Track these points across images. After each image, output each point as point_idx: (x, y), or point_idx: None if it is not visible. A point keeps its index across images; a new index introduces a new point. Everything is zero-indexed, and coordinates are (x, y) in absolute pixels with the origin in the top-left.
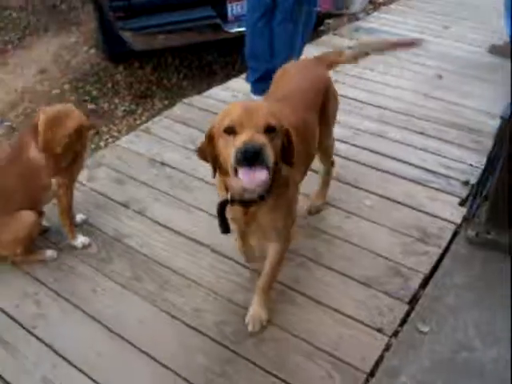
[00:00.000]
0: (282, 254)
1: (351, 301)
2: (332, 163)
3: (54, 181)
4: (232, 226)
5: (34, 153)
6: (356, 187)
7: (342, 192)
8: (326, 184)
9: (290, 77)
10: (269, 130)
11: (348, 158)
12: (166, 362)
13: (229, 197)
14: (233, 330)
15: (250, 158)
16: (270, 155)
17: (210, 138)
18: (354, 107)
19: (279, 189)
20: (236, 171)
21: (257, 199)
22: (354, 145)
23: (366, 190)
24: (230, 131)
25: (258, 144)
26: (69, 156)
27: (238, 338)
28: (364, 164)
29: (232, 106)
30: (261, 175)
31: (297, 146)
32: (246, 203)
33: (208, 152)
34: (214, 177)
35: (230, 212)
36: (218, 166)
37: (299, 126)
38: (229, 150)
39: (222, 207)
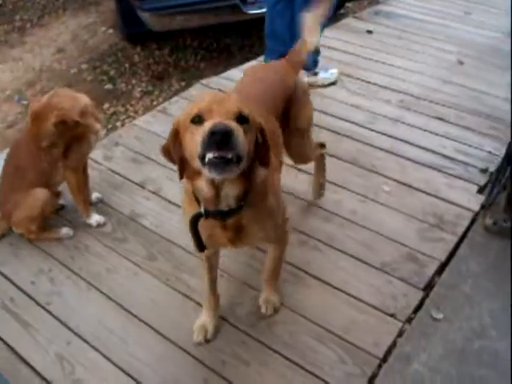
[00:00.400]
0: (282, 250)
1: (365, 285)
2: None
3: (60, 163)
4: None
5: None
6: (373, 172)
7: (359, 176)
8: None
9: (252, 79)
10: (241, 120)
11: (366, 142)
12: (177, 341)
13: (202, 209)
14: (246, 311)
15: (219, 140)
16: (242, 142)
17: (175, 134)
18: (373, 92)
19: (259, 194)
20: (203, 160)
21: (235, 208)
22: (372, 129)
23: (383, 175)
24: (197, 120)
25: (228, 126)
26: (59, 147)
27: (250, 320)
28: (382, 149)
29: (200, 96)
30: (229, 159)
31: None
32: (223, 214)
33: (174, 150)
34: (181, 179)
35: (205, 229)
36: (185, 167)
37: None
38: (196, 139)
39: (194, 222)
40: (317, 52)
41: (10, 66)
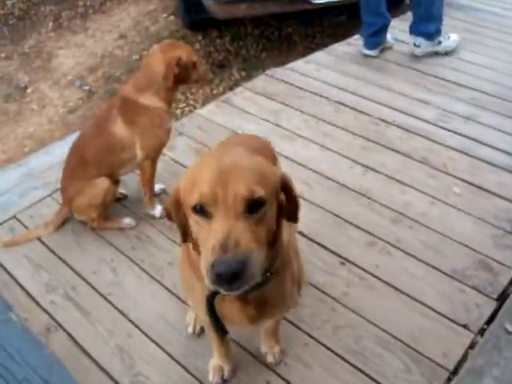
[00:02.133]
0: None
1: (434, 292)
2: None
3: (139, 154)
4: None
5: (120, 128)
6: (444, 173)
7: (429, 177)
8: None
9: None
10: (254, 206)
11: (436, 141)
12: (239, 341)
13: None
14: (310, 313)
15: (227, 280)
16: (256, 265)
17: (176, 203)
18: (443, 87)
19: (282, 260)
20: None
21: (260, 283)
22: (443, 127)
23: (455, 177)
24: (201, 211)
25: (236, 260)
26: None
27: (315, 322)
28: (453, 148)
29: (200, 166)
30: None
31: None
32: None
33: (174, 218)
34: (184, 242)
35: (219, 307)
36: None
37: None
38: (203, 234)
39: (210, 302)
40: (439, 20)
41: (72, 51)
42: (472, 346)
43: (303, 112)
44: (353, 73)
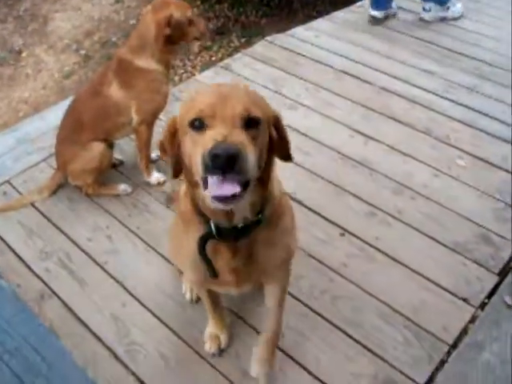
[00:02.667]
0: (285, 291)
1: (436, 265)
2: None
3: (135, 118)
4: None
5: (116, 91)
6: (447, 144)
7: (432, 148)
8: None
9: None
10: (250, 124)
11: (439, 112)
12: (239, 313)
13: (212, 226)
14: (309, 284)
15: (222, 164)
16: (250, 161)
17: (172, 133)
18: (446, 57)
19: (275, 209)
20: (205, 183)
21: (253, 222)
22: (446, 98)
23: (458, 148)
24: (198, 126)
25: (233, 146)
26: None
27: (313, 293)
28: (457, 120)
29: (200, 91)
30: (233, 189)
31: None
32: (238, 233)
33: (168, 151)
34: (175, 177)
35: (212, 259)
36: (183, 170)
37: None
38: (195, 150)
39: (202, 244)
40: None
41: (68, 14)
42: (472, 320)
43: (304, 80)
44: (355, 41)
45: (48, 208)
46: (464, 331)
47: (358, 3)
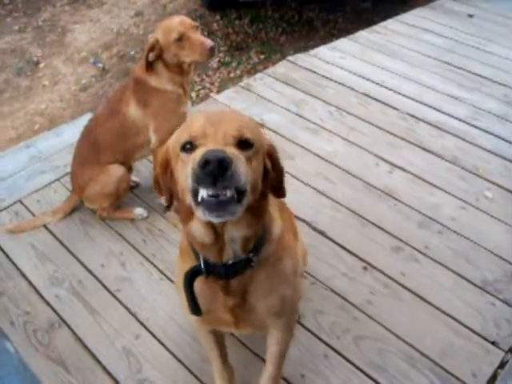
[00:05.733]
0: (288, 342)
1: (465, 305)
2: None
3: (153, 137)
4: (202, 324)
5: (134, 110)
6: (475, 175)
7: (460, 178)
8: None
9: None
10: (243, 144)
11: (468, 140)
12: (253, 348)
13: (201, 262)
14: (330, 321)
15: (214, 172)
16: (243, 171)
17: (164, 164)
18: (475, 83)
19: (273, 249)
20: (196, 197)
21: (243, 260)
22: (474, 126)
23: (487, 180)
24: (189, 148)
25: (223, 152)
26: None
27: (335, 332)
28: (485, 149)
29: (192, 118)
30: (227, 193)
31: None
32: (227, 270)
33: (163, 182)
34: (168, 210)
35: (202, 298)
36: (176, 202)
37: None
38: (186, 171)
39: (189, 280)
40: None
41: (87, 26)
42: (501, 365)
43: (327, 102)
44: (380, 63)
45: (61, 231)
46: (493, 377)
47: (382, 23)
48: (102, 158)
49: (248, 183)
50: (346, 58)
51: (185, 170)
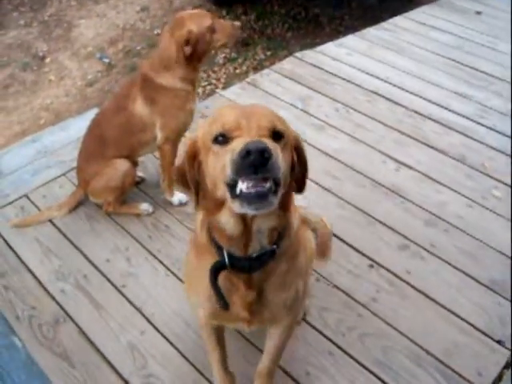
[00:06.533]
0: (289, 336)
1: (470, 303)
2: None
3: (159, 134)
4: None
5: (140, 107)
6: (482, 173)
7: (466, 177)
8: None
9: None
10: (275, 136)
11: (475, 138)
12: (258, 345)
13: (225, 255)
14: (335, 319)
15: (255, 161)
16: (281, 164)
17: (192, 156)
18: (482, 81)
19: (292, 243)
20: (232, 189)
21: (268, 252)
22: (481, 124)
23: (494, 178)
24: (222, 140)
25: (265, 143)
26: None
27: (340, 329)
28: (492, 147)
29: (223, 109)
30: (267, 185)
31: None
32: (252, 263)
33: (189, 175)
34: (197, 207)
35: (228, 287)
36: (202, 195)
37: None
38: (222, 163)
39: (214, 274)
40: None
41: (93, 21)
42: (507, 365)
43: (333, 99)
44: (387, 60)
45: (66, 225)
46: (499, 377)
47: (390, 20)
48: (107, 153)
49: (284, 174)
50: (353, 54)
51: (219, 162)
